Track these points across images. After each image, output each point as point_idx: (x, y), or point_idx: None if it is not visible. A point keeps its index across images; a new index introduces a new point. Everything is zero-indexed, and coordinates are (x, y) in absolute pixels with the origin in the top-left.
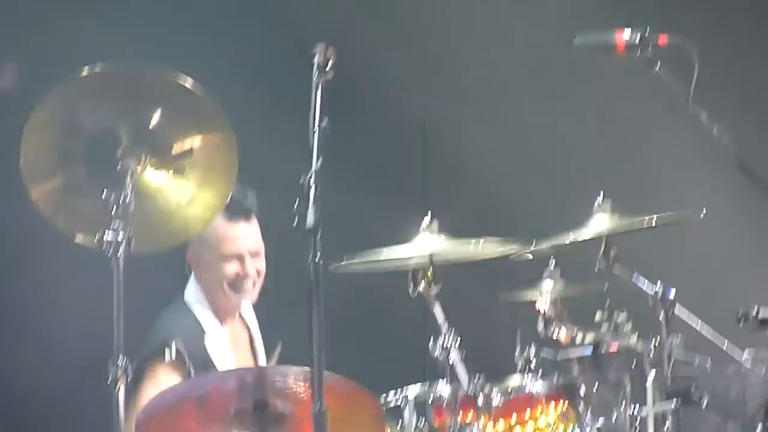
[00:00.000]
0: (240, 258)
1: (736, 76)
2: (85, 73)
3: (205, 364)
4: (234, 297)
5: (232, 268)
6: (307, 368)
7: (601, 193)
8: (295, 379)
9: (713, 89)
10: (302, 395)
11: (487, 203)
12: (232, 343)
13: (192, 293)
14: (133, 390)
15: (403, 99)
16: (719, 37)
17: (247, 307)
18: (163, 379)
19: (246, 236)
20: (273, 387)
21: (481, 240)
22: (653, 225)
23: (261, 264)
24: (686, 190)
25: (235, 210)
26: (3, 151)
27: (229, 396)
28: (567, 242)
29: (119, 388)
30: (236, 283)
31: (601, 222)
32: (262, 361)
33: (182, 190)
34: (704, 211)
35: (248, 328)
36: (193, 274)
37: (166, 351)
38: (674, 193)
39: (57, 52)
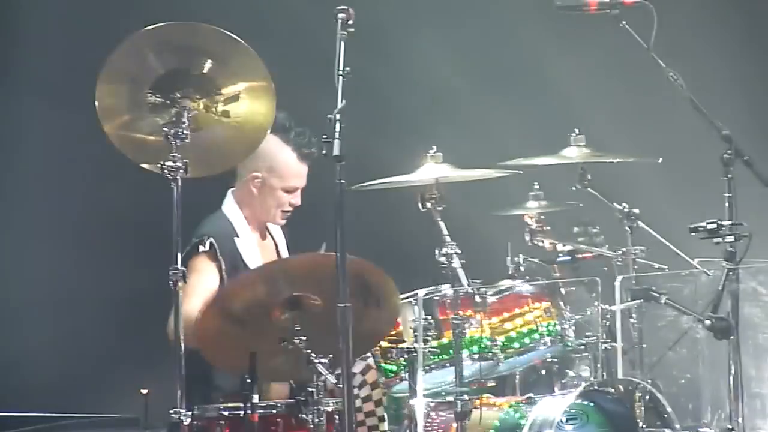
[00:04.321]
0: (296, 191)
1: (690, 31)
2: (149, 28)
3: (234, 261)
4: (278, 219)
5: (288, 198)
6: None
7: (576, 129)
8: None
9: (670, 42)
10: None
11: (483, 136)
12: (261, 249)
13: (229, 204)
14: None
15: (416, 55)
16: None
17: (275, 228)
18: (200, 268)
19: (305, 176)
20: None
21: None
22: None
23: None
24: (648, 126)
25: (306, 154)
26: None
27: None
28: (546, 165)
29: (179, 288)
30: (287, 212)
31: (574, 151)
32: None
33: (227, 128)
34: (660, 160)
35: (276, 243)
36: (235, 189)
37: (200, 245)
38: (638, 129)
39: (125, 12)
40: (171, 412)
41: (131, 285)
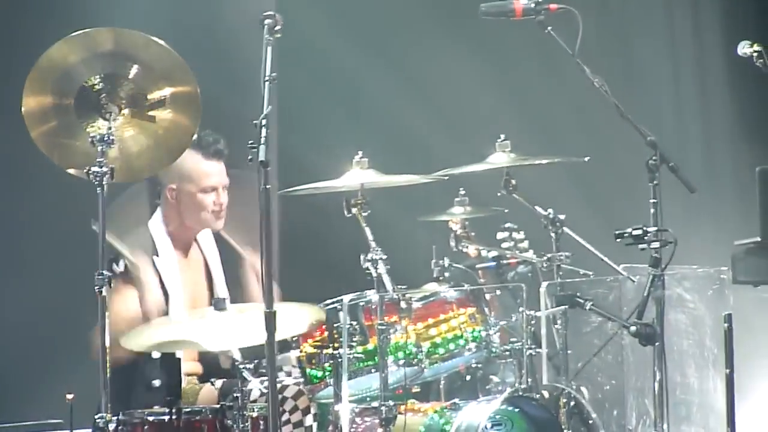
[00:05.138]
0: (215, 191)
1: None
2: (75, 34)
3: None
4: (212, 222)
5: (210, 198)
6: None
7: (502, 135)
8: None
9: (594, 48)
10: None
11: (408, 142)
12: (184, 266)
13: (155, 222)
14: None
15: (337, 60)
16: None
17: (207, 237)
18: (121, 289)
19: (220, 173)
20: None
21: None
22: (544, 162)
23: (226, 197)
24: (573, 132)
25: (211, 151)
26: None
27: None
28: (472, 171)
29: (104, 296)
30: (216, 212)
31: (501, 157)
32: (219, 283)
33: (153, 133)
34: (587, 158)
35: (204, 255)
36: (160, 205)
37: (114, 266)
38: (564, 135)
39: (52, 17)
40: (96, 417)
41: (55, 290)
